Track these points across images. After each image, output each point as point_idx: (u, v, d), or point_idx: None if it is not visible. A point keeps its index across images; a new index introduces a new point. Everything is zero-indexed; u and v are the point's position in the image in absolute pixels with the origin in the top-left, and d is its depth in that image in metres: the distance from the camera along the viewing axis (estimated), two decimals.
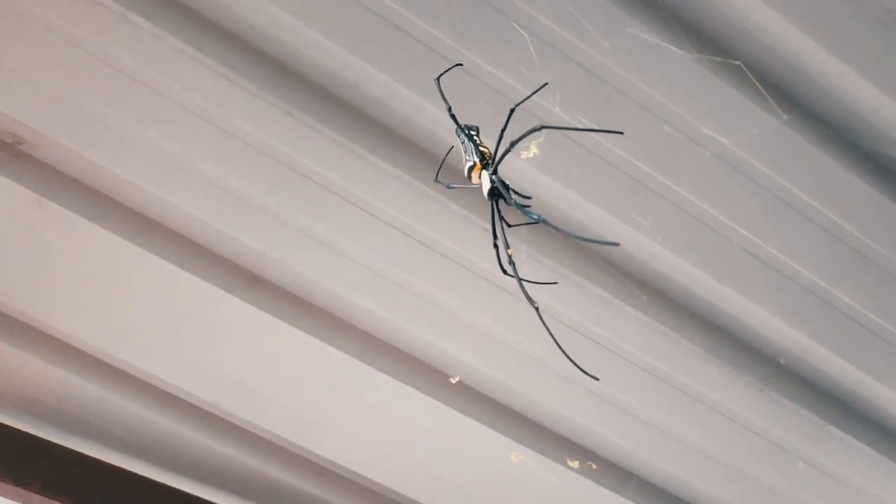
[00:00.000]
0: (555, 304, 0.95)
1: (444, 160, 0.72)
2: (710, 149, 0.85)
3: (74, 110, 0.82)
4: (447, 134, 0.78)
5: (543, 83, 0.61)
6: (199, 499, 1.05)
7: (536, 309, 0.55)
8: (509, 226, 0.60)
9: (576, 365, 0.54)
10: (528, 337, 0.97)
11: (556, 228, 0.51)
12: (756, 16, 0.79)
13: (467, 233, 0.91)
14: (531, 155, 0.63)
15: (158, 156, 0.86)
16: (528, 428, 1.05)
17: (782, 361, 1.03)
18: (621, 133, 0.66)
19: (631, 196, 0.88)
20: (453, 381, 0.96)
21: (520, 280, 0.55)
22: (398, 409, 1.03)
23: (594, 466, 1.03)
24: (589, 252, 0.90)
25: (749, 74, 0.70)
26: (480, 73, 0.79)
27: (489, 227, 0.82)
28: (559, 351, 0.62)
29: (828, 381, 1.08)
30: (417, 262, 0.93)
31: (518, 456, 1.02)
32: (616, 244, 0.83)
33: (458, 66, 0.67)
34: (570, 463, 1.02)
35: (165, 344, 0.99)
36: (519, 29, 0.68)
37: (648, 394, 1.05)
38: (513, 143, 0.57)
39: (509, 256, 0.57)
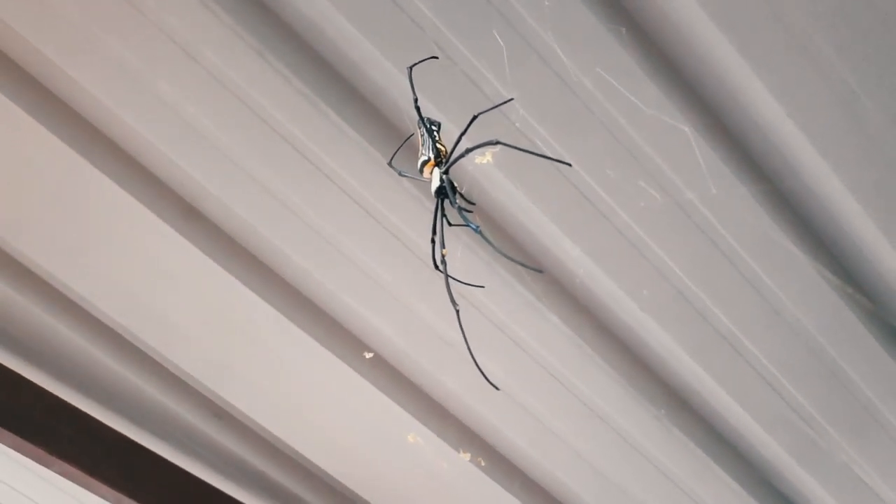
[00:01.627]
0: (484, 299, 0.98)
1: (401, 146, 0.74)
2: (660, 190, 0.89)
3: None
4: (414, 116, 0.81)
5: (509, 98, 0.63)
6: (91, 417, 1.06)
7: (457, 312, 0.58)
8: (450, 224, 0.62)
9: (481, 372, 0.58)
10: (451, 324, 1.00)
11: (489, 242, 0.55)
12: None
13: (414, 211, 0.93)
14: (485, 161, 0.66)
15: (116, 66, 0.84)
16: (430, 412, 1.09)
17: (663, 411, 1.10)
18: (569, 165, 0.69)
19: (575, 212, 0.91)
20: (368, 356, 0.99)
21: (447, 280, 0.58)
22: (309, 368, 1.05)
23: (483, 463, 1.08)
24: (524, 257, 0.94)
25: (693, 144, 0.74)
26: (454, 68, 0.80)
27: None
28: (475, 347, 0.65)
29: (721, 423, 1.15)
30: (358, 229, 0.95)
31: (415, 437, 1.06)
32: (540, 271, 0.87)
33: (434, 59, 0.68)
34: (462, 453, 1.07)
35: (85, 255, 0.98)
36: (498, 38, 0.71)
37: (554, 401, 1.10)
38: (468, 150, 0.59)
39: (443, 256, 0.60)
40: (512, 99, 0.65)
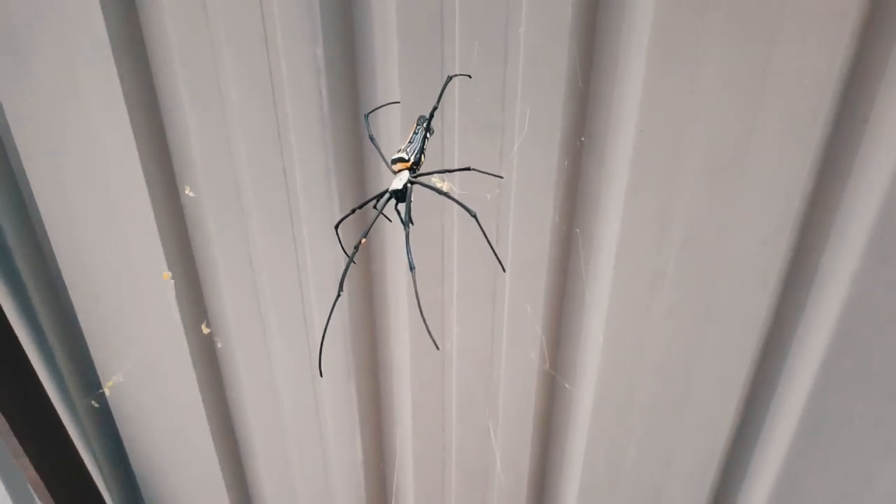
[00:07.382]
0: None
1: (384, 105, 0.73)
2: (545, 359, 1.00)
3: None
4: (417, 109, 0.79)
5: (501, 176, 0.69)
6: None
7: (339, 295, 0.62)
8: (377, 210, 0.64)
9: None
10: (274, 224, 1.00)
11: (416, 290, 0.60)
12: None
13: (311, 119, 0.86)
14: (445, 187, 0.69)
15: None
16: (192, 274, 1.08)
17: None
18: (504, 270, 0.76)
19: (470, 301, 0.96)
20: (189, 194, 0.96)
21: (349, 263, 0.62)
22: (109, 161, 0.97)
23: (219, 346, 1.12)
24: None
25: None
26: (469, 103, 0.78)
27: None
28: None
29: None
30: (244, 81, 0.88)
31: (168, 276, 1.04)
32: (437, 348, 0.93)
33: (467, 77, 0.71)
34: (203, 327, 1.09)
35: None
36: (526, 119, 0.74)
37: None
38: (444, 194, 0.62)
39: (359, 243, 0.63)
40: (502, 177, 0.70)
